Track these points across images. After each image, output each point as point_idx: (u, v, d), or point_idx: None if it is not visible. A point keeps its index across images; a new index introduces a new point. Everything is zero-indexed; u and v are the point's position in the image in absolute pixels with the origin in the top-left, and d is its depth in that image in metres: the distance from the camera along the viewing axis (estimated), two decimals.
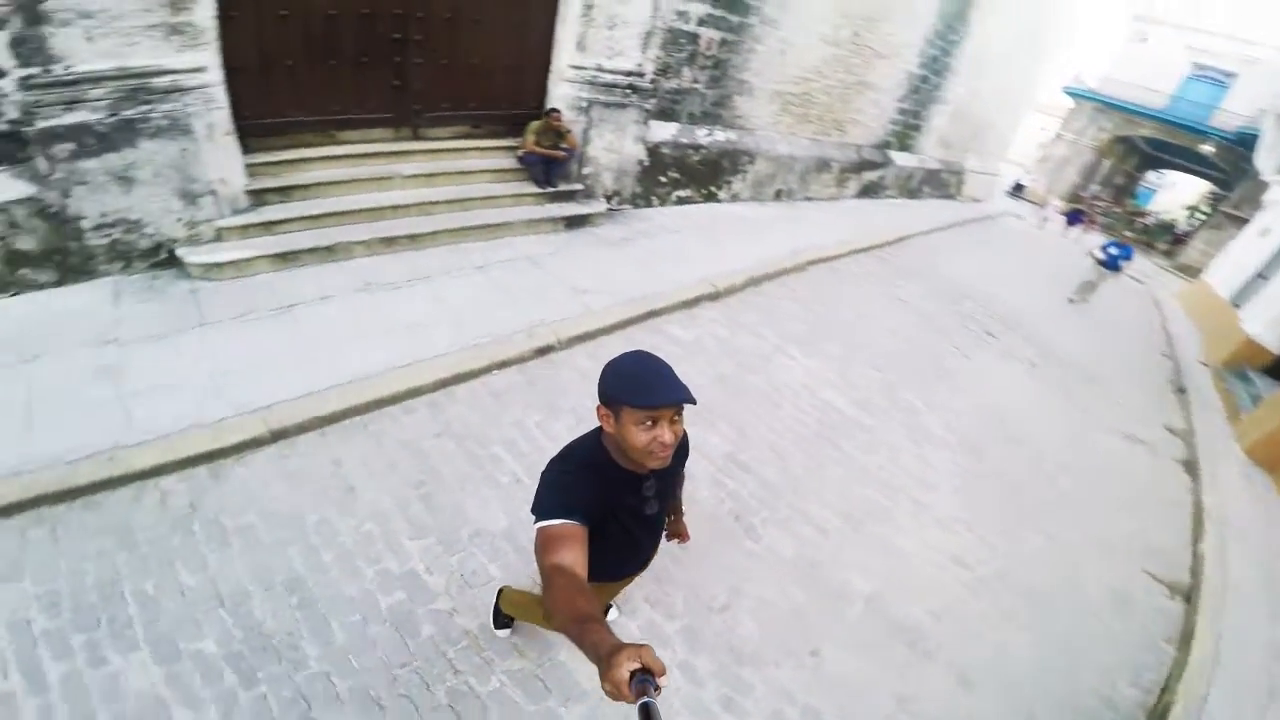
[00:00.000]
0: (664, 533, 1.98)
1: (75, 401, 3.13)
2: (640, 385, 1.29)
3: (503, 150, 6.24)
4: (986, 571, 3.28)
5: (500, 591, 2.37)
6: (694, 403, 1.29)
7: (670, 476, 1.64)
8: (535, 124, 5.96)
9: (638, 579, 2.65)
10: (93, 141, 4.16)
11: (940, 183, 13.33)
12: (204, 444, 3.04)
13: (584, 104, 6.23)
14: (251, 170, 5.04)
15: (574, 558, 1.23)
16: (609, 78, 6.26)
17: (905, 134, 11.52)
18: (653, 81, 6.82)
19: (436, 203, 5.73)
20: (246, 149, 4.95)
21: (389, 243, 5.34)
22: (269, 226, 5.01)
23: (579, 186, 6.58)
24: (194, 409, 3.26)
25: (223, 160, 4.76)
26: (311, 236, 5.09)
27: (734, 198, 8.80)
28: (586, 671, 2.29)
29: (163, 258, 4.67)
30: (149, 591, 2.38)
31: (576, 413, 3.77)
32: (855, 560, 3.07)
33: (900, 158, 11.62)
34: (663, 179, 7.57)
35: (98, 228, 4.37)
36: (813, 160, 9.71)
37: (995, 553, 3.43)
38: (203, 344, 3.87)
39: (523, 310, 4.75)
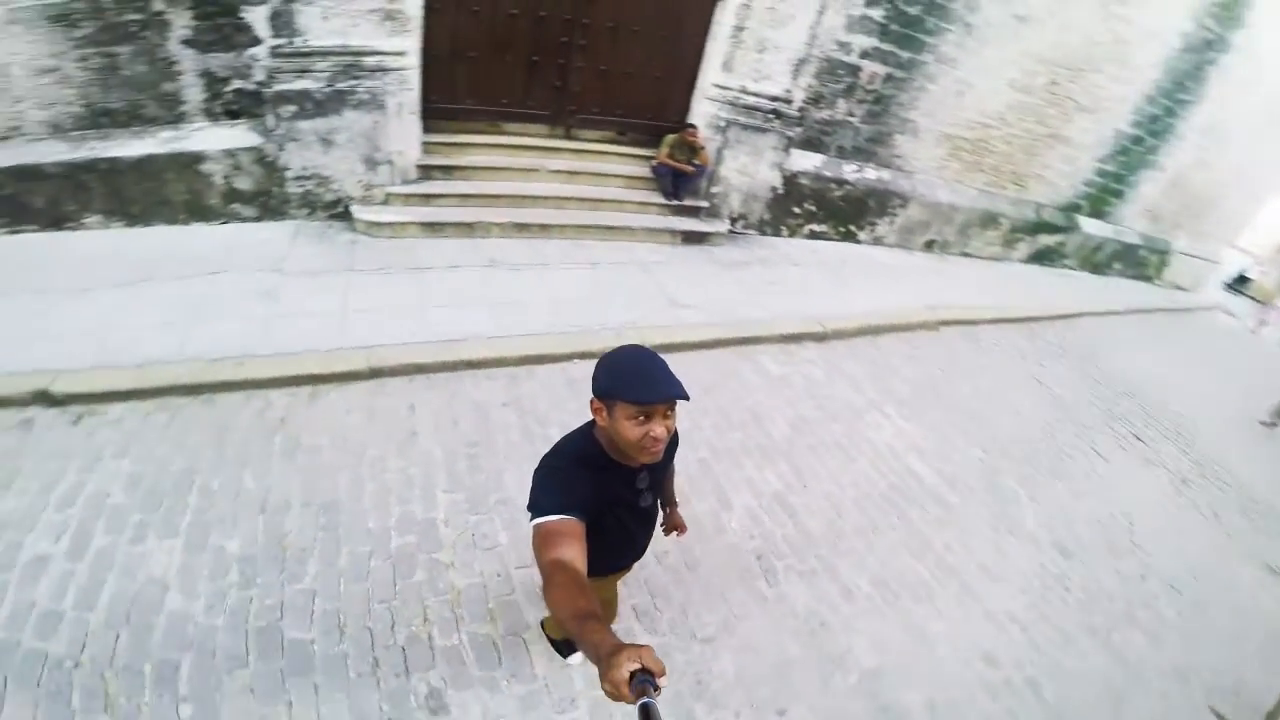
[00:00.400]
0: (661, 526, 1.96)
1: (234, 312, 3.83)
2: (635, 380, 1.29)
3: (640, 159, 6.52)
4: (1018, 676, 2.84)
5: (542, 624, 2.41)
6: (687, 399, 1.27)
7: (661, 470, 1.63)
8: (671, 137, 6.15)
9: (633, 583, 2.67)
10: (310, 106, 5.01)
11: (1136, 260, 11.50)
12: (314, 367, 3.57)
13: (722, 123, 6.30)
14: (425, 147, 5.75)
15: (574, 553, 1.23)
16: (751, 100, 6.28)
17: (1101, 199, 10.14)
18: (801, 110, 6.70)
19: (571, 199, 6.13)
20: (425, 128, 5.67)
21: (522, 228, 5.82)
22: (427, 199, 5.69)
23: (704, 204, 6.66)
24: (318, 337, 3.83)
25: (404, 135, 5.48)
26: (458, 213, 5.70)
27: (876, 241, 8.33)
28: (544, 657, 2.35)
29: (339, 211, 5.49)
30: (213, 487, 2.78)
31: None
32: (870, 631, 2.81)
33: (1089, 225, 10.23)
34: (796, 210, 7.39)
35: (297, 178, 5.25)
36: (978, 213, 8.90)
37: (1039, 659, 2.97)
38: (345, 286, 4.51)
39: (618, 310, 4.94)
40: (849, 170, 7.54)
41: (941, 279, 7.97)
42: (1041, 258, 10.08)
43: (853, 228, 8.02)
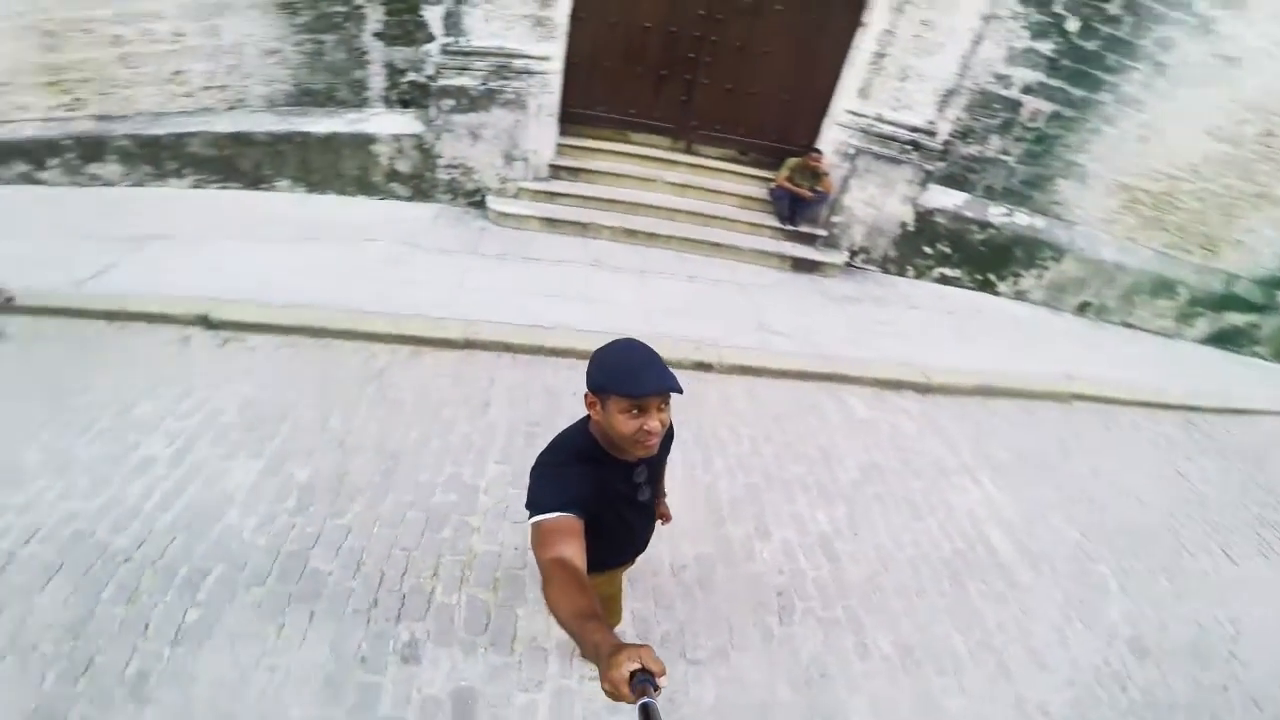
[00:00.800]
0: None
1: (372, 274, 4.45)
2: (628, 374, 1.28)
3: (758, 180, 6.51)
4: None
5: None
6: (680, 391, 1.26)
7: (658, 463, 1.65)
8: (793, 160, 6.06)
9: (640, 589, 2.72)
10: (466, 101, 5.61)
11: None
12: (418, 330, 4.05)
13: (851, 151, 6.10)
14: (558, 149, 6.20)
15: (573, 551, 1.22)
16: (887, 129, 6.02)
17: None
18: (945, 143, 6.29)
19: (683, 212, 6.29)
20: (559, 130, 6.10)
21: (630, 234, 6.07)
22: (552, 196, 6.12)
23: (822, 233, 6.48)
24: (430, 305, 4.32)
25: (541, 136, 5.96)
26: (576, 212, 6.08)
27: (1018, 295, 7.55)
28: (528, 635, 2.44)
29: (476, 199, 6.08)
30: (304, 420, 3.16)
31: (690, 427, 3.87)
32: (875, 693, 2.61)
33: None
34: (927, 250, 6.93)
35: (446, 166, 5.91)
36: (1149, 277, 7.76)
37: None
38: (466, 266, 5.02)
39: (704, 325, 4.99)
40: (995, 213, 6.93)
41: (1089, 348, 7.04)
42: (1224, 339, 8.54)
43: (992, 276, 7.35)
